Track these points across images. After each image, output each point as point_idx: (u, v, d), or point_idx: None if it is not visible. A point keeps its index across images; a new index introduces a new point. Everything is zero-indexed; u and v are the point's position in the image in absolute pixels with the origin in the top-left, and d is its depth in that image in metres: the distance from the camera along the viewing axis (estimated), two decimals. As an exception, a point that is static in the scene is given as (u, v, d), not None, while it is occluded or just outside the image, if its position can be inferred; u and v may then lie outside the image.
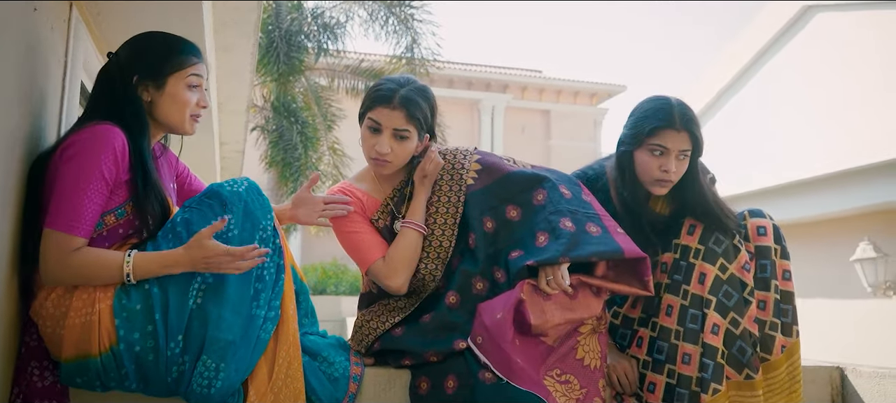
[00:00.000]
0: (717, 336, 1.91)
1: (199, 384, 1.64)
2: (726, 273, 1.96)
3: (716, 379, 1.90)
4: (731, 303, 1.94)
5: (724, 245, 1.98)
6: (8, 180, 1.56)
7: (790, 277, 2.02)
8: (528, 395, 1.75)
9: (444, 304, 1.96)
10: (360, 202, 2.06)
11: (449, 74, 21.66)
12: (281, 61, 10.35)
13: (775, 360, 1.98)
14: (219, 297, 1.68)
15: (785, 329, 1.99)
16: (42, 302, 1.64)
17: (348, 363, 1.96)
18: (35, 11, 1.68)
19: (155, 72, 1.78)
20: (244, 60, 3.35)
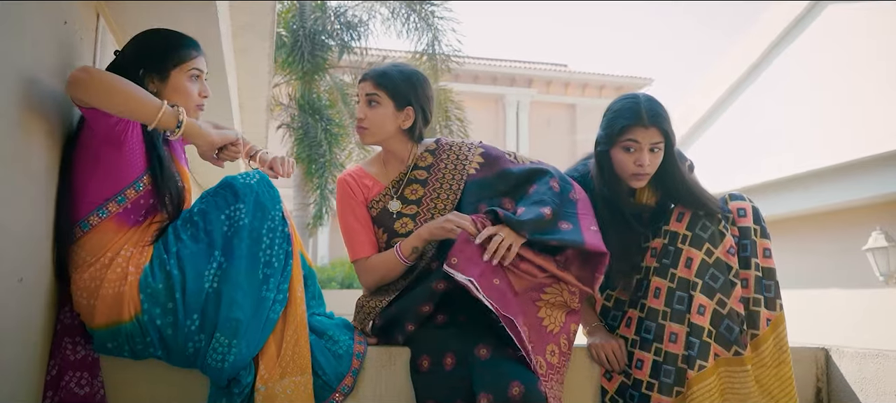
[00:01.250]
0: (703, 317, 2.03)
1: (214, 358, 1.82)
2: (712, 257, 2.08)
3: (702, 357, 2.02)
4: (717, 285, 2.06)
5: (710, 231, 2.10)
6: (43, 171, 1.75)
7: (770, 255, 2.14)
8: (518, 369, 1.84)
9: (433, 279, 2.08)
10: (362, 189, 2.23)
11: (474, 70, 21.75)
12: (305, 60, 10.58)
13: (763, 334, 2.09)
14: (232, 281, 1.86)
15: (768, 303, 2.10)
16: (80, 275, 1.82)
17: (352, 341, 2.12)
18: (65, 24, 1.86)
19: (159, 66, 1.95)
20: (261, 61, 3.53)
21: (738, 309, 2.06)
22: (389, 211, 2.21)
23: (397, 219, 2.21)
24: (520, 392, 1.78)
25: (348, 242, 2.23)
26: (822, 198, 5.96)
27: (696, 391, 2.00)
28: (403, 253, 2.12)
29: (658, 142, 2.12)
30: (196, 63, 2.01)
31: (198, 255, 1.88)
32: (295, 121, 11.01)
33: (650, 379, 2.12)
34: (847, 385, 2.42)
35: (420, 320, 2.06)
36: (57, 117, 1.83)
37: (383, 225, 2.22)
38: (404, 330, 2.08)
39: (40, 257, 1.75)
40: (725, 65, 7.31)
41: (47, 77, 1.75)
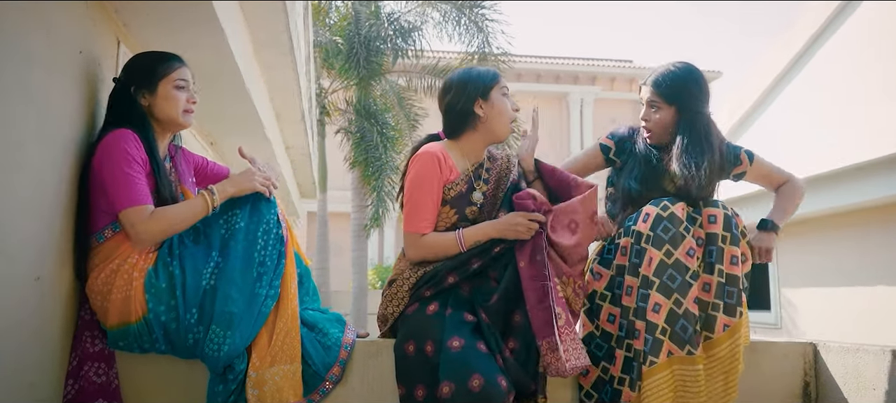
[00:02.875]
0: (658, 315, 2.11)
1: (211, 348, 2.03)
2: (672, 258, 2.16)
3: (653, 353, 2.10)
4: (674, 286, 2.13)
5: (671, 232, 2.18)
6: (61, 184, 2.00)
7: (737, 262, 2.19)
8: (483, 363, 1.96)
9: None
10: (446, 166, 2.30)
11: (536, 69, 21.75)
12: (361, 66, 10.88)
13: (717, 338, 2.16)
14: (227, 278, 2.08)
15: (728, 309, 2.16)
16: (94, 279, 2.07)
17: (341, 334, 2.30)
18: (80, 54, 2.11)
19: (147, 80, 2.18)
20: (288, 75, 3.76)
21: (693, 310, 2.13)
22: (466, 196, 2.32)
23: (469, 206, 2.32)
24: (480, 384, 1.91)
25: (412, 213, 2.28)
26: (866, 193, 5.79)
27: (647, 385, 2.08)
28: (466, 241, 2.24)
29: (654, 100, 2.37)
30: (180, 74, 2.23)
31: (197, 255, 2.11)
32: (352, 125, 11.35)
33: (621, 375, 2.22)
34: (832, 378, 2.46)
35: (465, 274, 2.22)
36: (73, 134, 2.08)
37: (457, 208, 2.31)
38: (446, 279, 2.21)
39: (56, 259, 2.00)
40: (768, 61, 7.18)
41: (62, 99, 2.00)
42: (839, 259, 6.83)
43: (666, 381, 2.08)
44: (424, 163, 2.28)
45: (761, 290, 8.21)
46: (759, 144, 7.32)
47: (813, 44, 6.57)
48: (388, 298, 2.30)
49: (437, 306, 2.17)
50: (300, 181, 7.04)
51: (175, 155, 2.38)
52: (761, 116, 7.36)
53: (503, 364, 2.05)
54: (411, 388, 2.08)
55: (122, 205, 2.03)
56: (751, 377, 2.48)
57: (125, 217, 2.03)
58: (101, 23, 2.31)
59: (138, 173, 2.06)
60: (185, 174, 2.40)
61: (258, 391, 2.05)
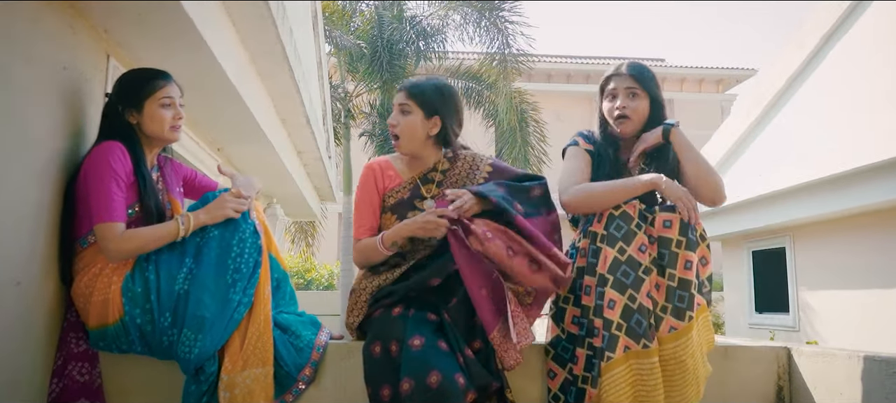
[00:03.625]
0: (613, 311, 2.14)
1: (183, 350, 2.13)
2: (625, 255, 2.19)
3: (610, 348, 2.13)
4: (628, 281, 2.17)
5: (623, 230, 2.22)
6: (44, 196, 2.12)
7: (691, 267, 2.19)
8: (441, 360, 2.02)
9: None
10: (384, 178, 2.45)
11: (566, 69, 21.68)
12: (384, 69, 11.00)
13: (662, 337, 2.18)
14: (200, 284, 2.17)
15: (677, 312, 2.17)
16: (77, 283, 2.19)
17: (314, 336, 2.39)
18: (64, 70, 2.24)
19: (134, 99, 2.30)
20: (287, 83, 3.85)
21: (647, 305, 2.16)
22: (409, 202, 2.41)
23: (412, 210, 2.41)
24: (437, 380, 1.96)
25: (354, 221, 2.45)
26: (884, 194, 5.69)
27: (605, 380, 2.12)
28: (385, 242, 2.32)
29: (633, 87, 2.41)
30: (166, 92, 2.33)
31: (171, 261, 2.21)
32: (375, 128, 11.48)
33: (585, 373, 2.26)
34: (805, 384, 2.46)
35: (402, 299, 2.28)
36: (57, 147, 2.20)
37: (398, 213, 2.42)
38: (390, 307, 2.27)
39: (40, 265, 2.12)
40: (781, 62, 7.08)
41: (44, 116, 2.12)
42: (858, 260, 6.71)
43: (623, 375, 2.12)
44: (361, 176, 2.48)
45: (780, 293, 8.10)
46: (775, 145, 7.26)
47: (826, 43, 6.47)
48: (350, 308, 2.40)
49: (401, 308, 2.24)
50: (317, 184, 7.16)
51: (164, 165, 2.49)
52: (777, 116, 7.26)
53: (464, 362, 2.10)
54: (377, 388, 2.13)
55: (97, 219, 2.14)
56: (724, 381, 2.50)
57: (98, 231, 2.14)
58: (88, 40, 2.43)
59: (118, 189, 2.17)
60: (173, 184, 2.51)
61: (229, 394, 2.14)
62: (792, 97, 6.96)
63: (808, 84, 6.73)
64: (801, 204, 6.82)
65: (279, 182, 5.40)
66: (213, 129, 3.95)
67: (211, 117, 3.64)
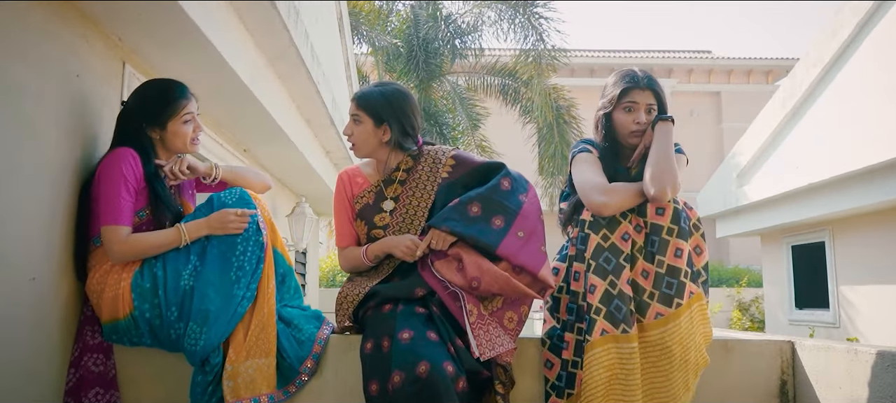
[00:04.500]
0: (593, 295, 2.19)
1: (189, 343, 2.24)
2: (608, 241, 2.23)
3: (589, 331, 2.19)
4: (610, 267, 2.21)
5: (608, 217, 2.26)
6: (58, 197, 2.26)
7: (682, 255, 2.21)
8: (430, 350, 2.07)
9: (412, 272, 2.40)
10: (352, 185, 2.57)
11: (609, 63, 21.46)
12: (420, 68, 11.10)
13: (648, 324, 2.20)
14: (204, 279, 2.28)
15: (664, 299, 2.19)
16: (91, 279, 2.32)
17: (316, 330, 2.47)
18: (77, 77, 2.36)
19: (157, 119, 2.43)
20: (306, 85, 3.95)
21: (627, 291, 2.19)
22: (375, 207, 2.51)
23: (377, 213, 2.51)
24: (426, 369, 2.01)
25: (337, 229, 2.58)
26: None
27: (586, 360, 2.17)
28: (368, 255, 2.46)
29: (652, 104, 2.42)
30: (188, 108, 2.46)
31: (177, 258, 2.32)
32: (413, 127, 11.55)
33: (574, 357, 2.30)
34: (807, 377, 2.44)
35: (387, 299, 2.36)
36: (72, 152, 2.33)
37: (365, 218, 2.53)
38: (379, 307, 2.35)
39: (57, 262, 2.25)
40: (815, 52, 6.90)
41: (58, 122, 2.26)
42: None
43: (601, 357, 2.15)
44: (336, 185, 2.59)
45: (820, 288, 7.91)
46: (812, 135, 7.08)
47: (862, 30, 6.28)
48: (337, 315, 2.49)
49: (391, 305, 2.31)
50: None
51: None
52: (813, 106, 7.08)
53: (455, 351, 2.15)
54: (367, 383, 2.18)
55: (104, 221, 2.26)
56: (725, 375, 2.49)
57: (104, 233, 2.27)
58: (103, 49, 2.56)
59: (127, 194, 2.29)
60: (186, 187, 2.63)
61: (232, 382, 2.24)
62: (828, 86, 6.79)
63: (845, 72, 6.56)
64: (840, 196, 6.65)
65: (307, 181, 5.52)
66: (236, 131, 4.07)
67: (231, 119, 3.76)
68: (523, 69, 11.12)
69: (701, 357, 2.24)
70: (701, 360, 2.24)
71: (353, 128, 2.52)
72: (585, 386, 2.17)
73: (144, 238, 2.30)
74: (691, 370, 2.19)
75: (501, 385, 2.24)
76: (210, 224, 2.34)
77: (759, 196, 7.97)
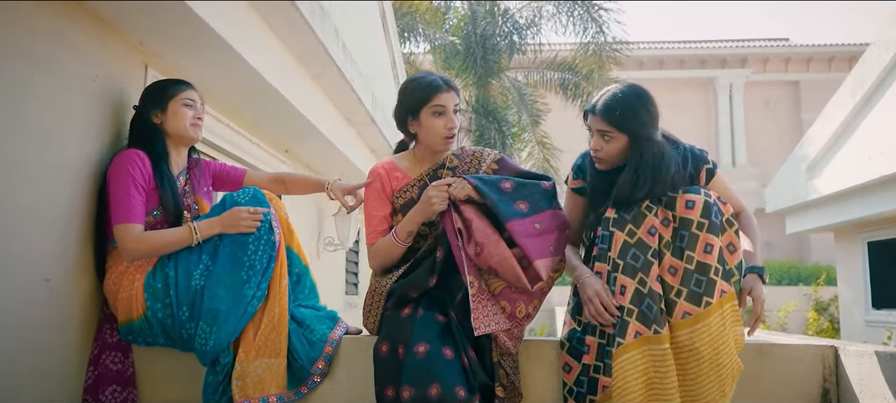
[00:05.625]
0: (624, 296, 2.07)
1: (199, 342, 2.24)
2: (634, 237, 2.11)
3: (620, 333, 2.06)
4: (638, 265, 2.09)
5: (633, 211, 2.14)
6: (75, 199, 2.30)
7: (712, 251, 2.07)
8: (444, 370, 2.01)
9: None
10: (391, 180, 2.43)
11: (679, 54, 20.87)
12: (478, 64, 11.03)
13: (675, 323, 2.07)
14: (215, 279, 2.28)
15: (692, 297, 2.05)
16: (107, 280, 2.36)
17: (328, 330, 2.44)
18: (94, 80, 2.40)
19: (159, 101, 2.47)
20: (339, 82, 3.93)
21: (657, 289, 2.06)
22: (416, 201, 2.38)
23: None
24: (437, 392, 1.96)
25: (366, 227, 2.44)
26: None
27: (616, 365, 2.05)
28: (399, 236, 2.31)
29: (605, 130, 2.23)
30: (188, 95, 2.50)
31: (189, 258, 2.33)
32: (472, 124, 11.51)
33: (597, 362, 2.18)
34: (851, 386, 2.25)
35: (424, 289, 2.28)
36: (89, 153, 2.38)
37: (406, 213, 2.38)
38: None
39: (73, 263, 2.29)
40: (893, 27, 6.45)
41: (72, 125, 2.30)
42: None
43: (635, 361, 2.04)
44: (371, 179, 2.46)
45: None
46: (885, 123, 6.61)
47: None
48: (366, 312, 2.40)
49: (410, 309, 2.24)
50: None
51: (193, 167, 2.63)
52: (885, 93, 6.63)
53: (468, 364, 2.09)
54: (382, 388, 2.14)
55: (116, 221, 2.29)
56: (760, 383, 2.33)
57: (116, 232, 2.29)
58: (123, 53, 2.60)
59: (136, 192, 2.32)
60: (201, 185, 2.64)
61: (241, 382, 2.23)
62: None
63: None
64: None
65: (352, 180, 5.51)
66: (273, 131, 4.10)
67: (264, 119, 3.78)
68: (583, 63, 10.91)
69: (734, 361, 2.10)
70: (734, 365, 2.10)
71: (456, 119, 2.41)
72: (618, 393, 2.05)
73: (156, 235, 2.31)
74: (726, 375, 2.04)
75: (501, 388, 2.17)
76: (222, 222, 2.34)
77: (831, 189, 7.54)
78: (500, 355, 2.21)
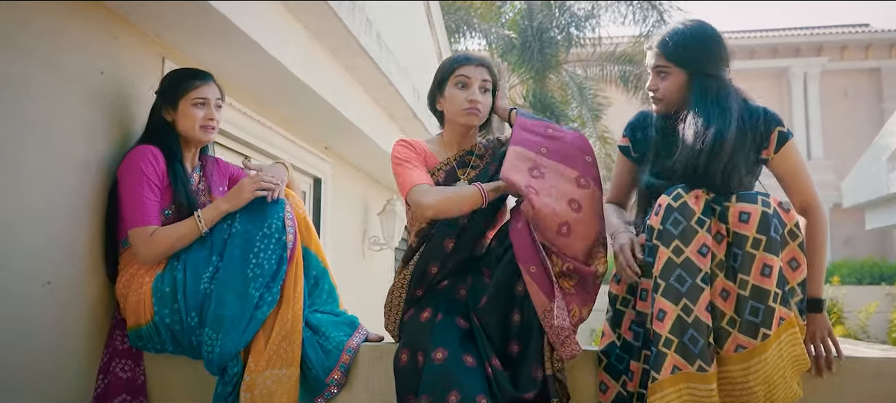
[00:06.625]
0: (662, 323, 1.79)
1: (206, 350, 2.10)
2: (681, 256, 1.82)
3: (656, 368, 1.78)
4: (683, 289, 1.79)
5: (682, 226, 1.84)
6: (81, 197, 2.19)
7: (771, 273, 1.78)
8: (463, 378, 1.86)
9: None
10: (423, 153, 2.23)
11: (749, 44, 20.06)
12: (535, 58, 10.76)
13: (726, 356, 1.79)
14: (222, 281, 2.13)
15: (748, 328, 1.77)
16: (119, 282, 2.24)
17: (346, 338, 2.26)
18: (101, 74, 2.29)
19: (171, 98, 2.32)
20: (374, 75, 3.76)
21: (705, 319, 1.78)
22: (443, 185, 2.19)
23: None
24: (456, 400, 1.81)
25: (404, 177, 2.13)
26: None
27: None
28: (487, 190, 2.04)
29: (663, 66, 2.03)
30: (200, 92, 2.32)
31: (199, 259, 2.19)
32: (529, 119, 11.24)
33: (640, 390, 1.95)
34: (940, 407, 1.94)
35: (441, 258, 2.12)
36: (97, 150, 2.27)
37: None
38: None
39: (79, 265, 2.18)
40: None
41: (79, 118, 2.19)
42: None
43: (669, 401, 1.77)
44: (396, 149, 2.22)
45: None
46: None
47: None
48: (386, 311, 2.23)
49: (430, 312, 2.09)
50: (450, 180, 7.11)
51: (207, 165, 2.50)
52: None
53: (492, 373, 1.92)
54: (403, 399, 2.01)
55: (130, 224, 2.18)
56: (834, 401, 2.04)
57: (131, 236, 2.19)
58: (136, 45, 2.48)
59: (150, 192, 2.19)
60: (216, 183, 2.50)
61: (250, 394, 2.08)
62: None
63: None
64: None
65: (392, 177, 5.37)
66: (308, 127, 3.97)
67: (297, 114, 3.66)
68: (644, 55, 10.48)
69: (789, 392, 1.82)
70: (789, 396, 1.82)
71: (482, 97, 2.19)
72: None
73: (165, 234, 2.19)
74: None
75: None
76: (228, 197, 2.22)
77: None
78: (553, 365, 1.96)
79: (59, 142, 2.12)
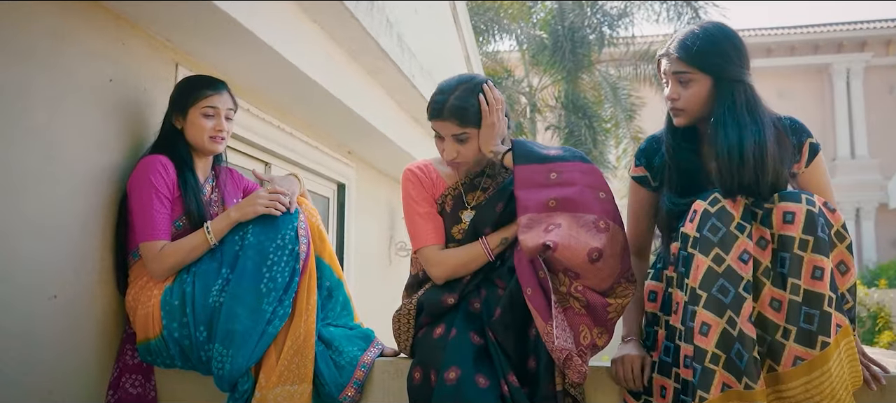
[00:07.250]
0: (706, 338, 1.64)
1: (216, 366, 2.02)
2: (722, 265, 1.67)
3: (703, 386, 1.63)
4: (727, 300, 1.65)
5: (720, 232, 1.70)
6: (90, 209, 2.14)
7: (823, 276, 1.63)
8: (477, 398, 1.78)
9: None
10: (430, 182, 2.17)
11: (789, 40, 19.58)
12: (566, 58, 10.59)
13: (784, 373, 1.64)
14: (233, 295, 2.05)
15: (804, 337, 1.62)
16: (128, 294, 2.19)
17: (360, 353, 2.16)
18: (110, 82, 2.23)
19: (180, 106, 2.26)
20: (397, 78, 3.69)
21: (748, 331, 1.63)
22: (454, 213, 2.14)
23: (455, 224, 2.14)
24: None
25: (415, 229, 2.14)
26: None
27: None
28: (491, 246, 2.04)
29: (684, 72, 1.85)
30: (209, 101, 2.26)
31: (209, 272, 2.12)
32: (561, 121, 11.09)
33: None
34: None
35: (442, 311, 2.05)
36: (107, 160, 2.21)
37: (446, 226, 2.15)
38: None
39: (87, 278, 2.13)
40: None
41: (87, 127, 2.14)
42: None
43: None
44: (404, 183, 2.19)
45: None
46: None
47: None
48: (396, 335, 2.15)
49: (443, 328, 2.00)
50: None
51: (221, 175, 2.43)
52: None
53: (509, 392, 1.83)
54: None
55: (140, 239, 2.13)
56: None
57: (142, 250, 2.14)
58: (146, 52, 2.42)
59: (160, 205, 2.14)
60: (231, 194, 2.44)
61: (260, 412, 2.00)
62: None
63: None
64: None
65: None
66: (329, 131, 3.90)
67: (315, 117, 3.58)
68: (678, 51, 10.23)
69: None
70: None
71: (460, 147, 2.06)
72: None
73: (175, 248, 2.13)
74: None
75: None
76: (239, 206, 2.14)
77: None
78: (565, 380, 1.86)
79: (63, 151, 2.06)
